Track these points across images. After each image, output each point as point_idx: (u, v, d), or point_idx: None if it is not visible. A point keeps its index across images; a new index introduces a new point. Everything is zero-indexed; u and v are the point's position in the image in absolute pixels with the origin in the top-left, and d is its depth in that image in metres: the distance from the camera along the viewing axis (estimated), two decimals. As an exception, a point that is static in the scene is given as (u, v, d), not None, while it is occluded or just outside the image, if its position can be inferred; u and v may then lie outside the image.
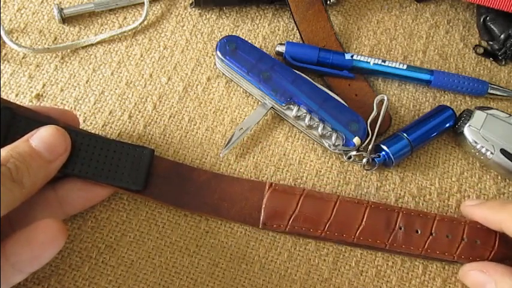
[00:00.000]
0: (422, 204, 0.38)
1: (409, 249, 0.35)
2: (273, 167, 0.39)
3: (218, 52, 0.39)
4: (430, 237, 0.35)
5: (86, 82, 0.40)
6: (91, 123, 0.38)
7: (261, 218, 0.35)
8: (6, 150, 0.29)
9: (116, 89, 0.40)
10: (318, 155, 0.39)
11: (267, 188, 0.36)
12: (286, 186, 0.37)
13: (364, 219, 0.35)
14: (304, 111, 0.38)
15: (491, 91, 0.42)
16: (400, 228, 0.35)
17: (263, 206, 0.35)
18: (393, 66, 0.42)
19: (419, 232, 0.35)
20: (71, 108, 0.39)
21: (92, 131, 0.38)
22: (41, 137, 0.31)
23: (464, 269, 0.35)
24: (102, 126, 0.38)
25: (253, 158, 0.39)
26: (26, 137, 0.31)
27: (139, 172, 0.34)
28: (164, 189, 0.35)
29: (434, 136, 0.39)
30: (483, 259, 0.35)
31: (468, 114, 0.39)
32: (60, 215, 0.33)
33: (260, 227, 0.35)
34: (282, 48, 0.41)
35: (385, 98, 0.38)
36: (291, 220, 0.35)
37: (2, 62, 0.40)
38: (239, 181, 0.37)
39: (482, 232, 0.36)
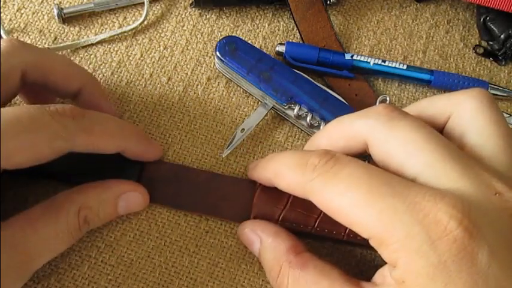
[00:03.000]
0: (423, 204, 0.38)
1: None
2: (273, 166, 0.38)
3: (218, 53, 0.39)
4: None
5: (86, 82, 0.40)
6: (91, 123, 0.38)
7: (251, 215, 0.34)
8: (92, 194, 0.31)
9: (116, 89, 0.40)
10: (318, 155, 0.39)
11: (258, 184, 0.35)
12: None
13: None
14: (306, 110, 0.38)
15: (491, 91, 0.42)
16: None
17: (253, 202, 0.34)
18: (393, 66, 0.42)
19: None
20: (71, 108, 0.39)
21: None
22: (128, 206, 0.33)
23: (241, 227, 0.34)
24: (102, 126, 0.38)
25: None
26: (115, 194, 0.32)
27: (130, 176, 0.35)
28: (164, 192, 0.35)
29: (435, 136, 0.39)
30: None
31: (468, 114, 0.39)
32: None
33: None
34: (282, 48, 0.41)
35: (387, 98, 0.38)
36: (281, 217, 0.34)
37: (2, 61, 0.39)
38: (239, 181, 0.36)
39: None
